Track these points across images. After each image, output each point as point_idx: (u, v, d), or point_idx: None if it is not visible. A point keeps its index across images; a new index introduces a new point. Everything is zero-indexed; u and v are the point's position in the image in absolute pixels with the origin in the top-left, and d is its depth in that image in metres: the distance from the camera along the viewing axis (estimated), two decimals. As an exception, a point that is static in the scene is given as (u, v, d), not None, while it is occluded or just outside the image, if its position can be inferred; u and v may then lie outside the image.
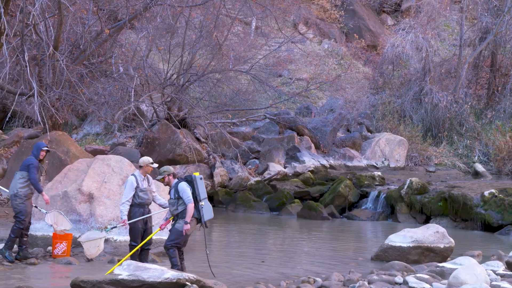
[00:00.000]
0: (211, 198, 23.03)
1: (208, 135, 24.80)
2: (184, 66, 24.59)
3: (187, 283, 8.53)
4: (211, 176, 23.39)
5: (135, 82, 23.27)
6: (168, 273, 8.55)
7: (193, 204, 10.40)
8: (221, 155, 24.64)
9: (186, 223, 10.33)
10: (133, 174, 11.17)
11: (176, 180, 10.71)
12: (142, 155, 23.18)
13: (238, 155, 24.20)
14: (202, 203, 10.49)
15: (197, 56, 25.50)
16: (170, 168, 10.87)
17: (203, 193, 10.56)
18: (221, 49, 24.90)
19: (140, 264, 9.03)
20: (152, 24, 24.15)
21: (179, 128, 23.69)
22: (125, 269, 8.75)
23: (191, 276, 8.63)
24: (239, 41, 28.21)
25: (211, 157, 24.01)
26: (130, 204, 10.97)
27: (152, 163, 11.27)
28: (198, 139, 24.78)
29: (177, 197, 10.50)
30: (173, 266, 10.23)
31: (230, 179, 23.64)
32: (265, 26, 32.37)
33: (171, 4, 20.66)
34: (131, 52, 25.22)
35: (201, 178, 10.64)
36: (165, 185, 10.86)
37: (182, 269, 10.32)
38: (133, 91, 22.80)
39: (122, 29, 21.88)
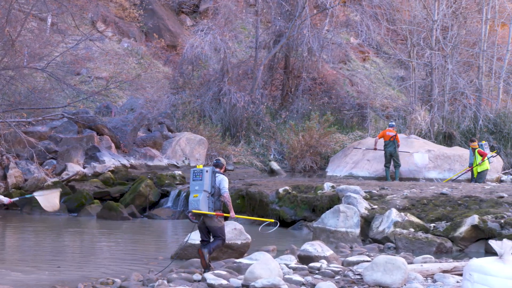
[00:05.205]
0: (4, 201, 22.00)
1: (1, 134, 23.63)
2: (-27, 62, 23.24)
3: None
4: (4, 178, 22.33)
5: None
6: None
7: None
8: (16, 156, 23.60)
9: None
10: None
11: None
12: None
13: (34, 155, 23.31)
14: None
15: (-13, 52, 24.18)
16: None
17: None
18: (14, 45, 23.76)
19: None
20: None
21: (-31, 128, 22.38)
22: None
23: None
24: (34, 38, 27.03)
25: (4, 157, 22.93)
26: None
27: None
28: (-11, 139, 23.55)
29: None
30: None
31: (26, 180, 22.69)
32: (61, 22, 31.34)
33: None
34: None
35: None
36: None
37: None
38: None
39: None
